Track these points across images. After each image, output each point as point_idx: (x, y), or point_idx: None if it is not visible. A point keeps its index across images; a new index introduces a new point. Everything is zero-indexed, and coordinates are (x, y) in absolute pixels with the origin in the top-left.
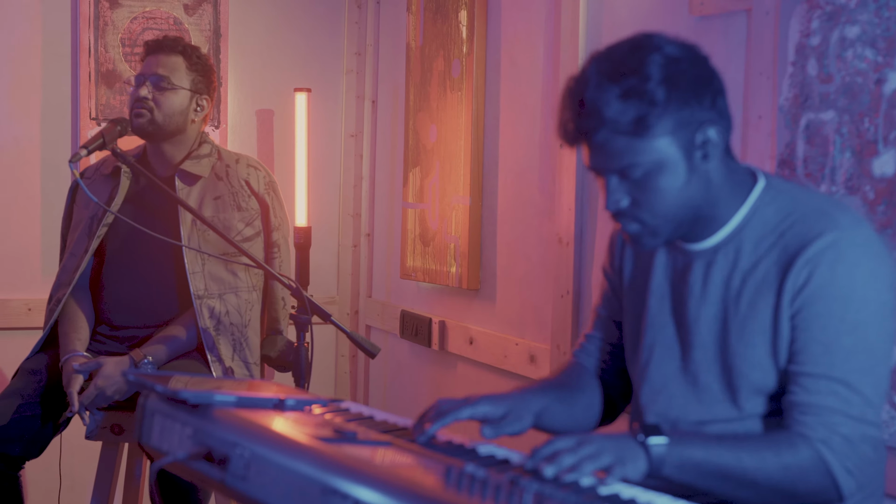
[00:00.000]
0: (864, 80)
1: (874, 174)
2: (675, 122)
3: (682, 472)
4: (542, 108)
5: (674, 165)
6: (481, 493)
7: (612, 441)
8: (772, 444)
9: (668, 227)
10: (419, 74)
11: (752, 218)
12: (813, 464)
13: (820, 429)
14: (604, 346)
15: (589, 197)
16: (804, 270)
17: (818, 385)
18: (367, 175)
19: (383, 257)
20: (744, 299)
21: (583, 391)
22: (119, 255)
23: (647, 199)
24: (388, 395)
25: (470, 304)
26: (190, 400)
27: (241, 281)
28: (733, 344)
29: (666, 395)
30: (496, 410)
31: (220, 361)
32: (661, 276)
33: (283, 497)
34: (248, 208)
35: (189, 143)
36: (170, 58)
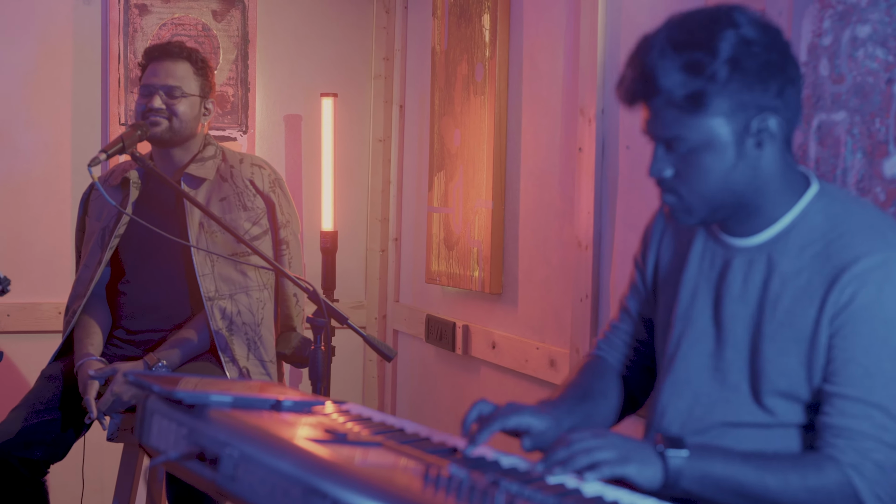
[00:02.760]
0: (875, 80)
1: (885, 175)
2: (733, 103)
3: (702, 486)
4: (563, 111)
5: (722, 147)
6: (457, 494)
7: (625, 441)
8: (798, 465)
9: (705, 208)
10: (444, 78)
11: (801, 222)
12: (840, 489)
13: (851, 453)
14: (630, 340)
15: (608, 200)
16: (850, 287)
17: (854, 409)
18: (394, 180)
19: (410, 262)
20: (782, 305)
21: (605, 397)
22: (132, 263)
23: (689, 175)
24: (414, 400)
25: (492, 308)
26: (186, 400)
27: (251, 280)
28: (765, 349)
29: (691, 390)
30: (539, 424)
31: (233, 362)
32: (695, 269)
33: (268, 497)
34: (253, 207)
35: (195, 147)
36: (177, 65)
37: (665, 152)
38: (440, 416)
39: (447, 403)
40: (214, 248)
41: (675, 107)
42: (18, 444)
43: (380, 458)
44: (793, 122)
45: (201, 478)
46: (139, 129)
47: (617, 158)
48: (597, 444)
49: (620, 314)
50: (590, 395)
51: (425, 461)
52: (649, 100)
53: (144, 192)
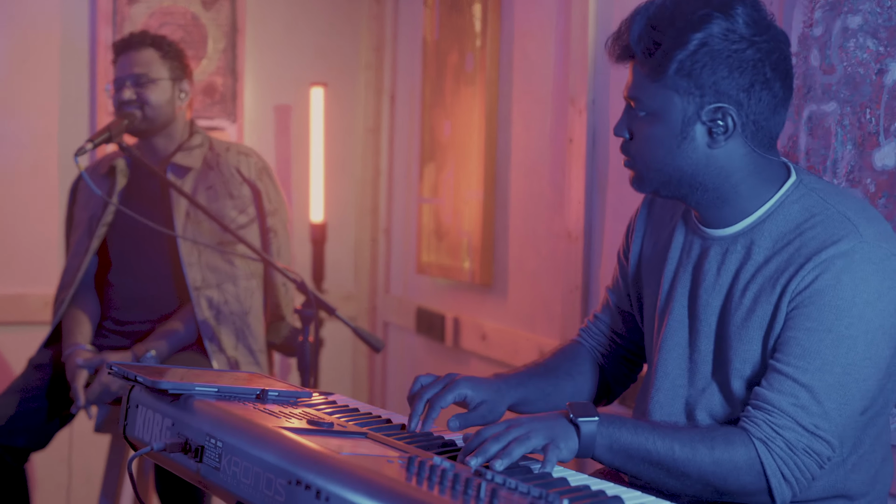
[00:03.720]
0: (865, 70)
1: (875, 166)
2: (691, 83)
3: (612, 454)
4: (553, 101)
5: (670, 123)
6: (440, 485)
7: (542, 422)
8: (707, 437)
9: (653, 179)
10: (435, 69)
11: (776, 212)
12: (746, 462)
13: (764, 427)
14: (608, 331)
15: (598, 191)
16: (811, 273)
17: (782, 384)
18: (384, 170)
19: (400, 253)
20: (749, 293)
21: (571, 377)
22: (120, 252)
23: (640, 141)
24: (403, 392)
25: (483, 299)
26: (170, 390)
27: (238, 269)
28: (731, 337)
29: (669, 382)
30: (475, 395)
31: (221, 351)
32: (675, 261)
33: (251, 488)
34: (240, 196)
35: (179, 134)
36: (141, 53)
37: (628, 115)
38: None
39: None
40: (201, 237)
41: (641, 66)
42: (2, 431)
43: (364, 448)
44: (767, 122)
45: (185, 469)
46: (126, 119)
47: (608, 149)
48: (524, 433)
49: (603, 307)
50: (552, 373)
51: (410, 452)
52: (627, 57)
53: (132, 180)
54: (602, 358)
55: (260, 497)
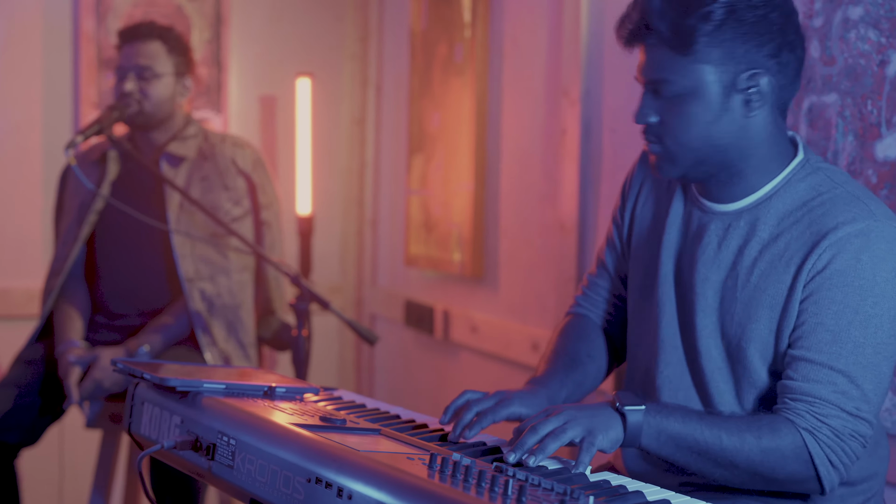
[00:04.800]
0: (866, 62)
1: (877, 157)
2: (723, 52)
3: (659, 443)
4: (545, 92)
5: (708, 97)
6: (465, 481)
7: (582, 411)
8: (754, 426)
9: (688, 160)
10: (423, 59)
11: (783, 189)
12: (794, 451)
13: (810, 418)
14: (608, 296)
15: (592, 183)
16: (827, 253)
17: (819, 374)
18: (371, 162)
19: (388, 245)
20: (757, 270)
21: (592, 359)
22: (110, 242)
23: (673, 123)
24: (392, 385)
25: (473, 291)
26: (179, 387)
27: (231, 262)
28: (737, 314)
29: (677, 357)
30: (529, 412)
31: (213, 345)
32: (674, 232)
33: (268, 486)
34: (234, 187)
35: (176, 126)
36: (148, 45)
37: (652, 98)
38: (420, 402)
39: (427, 388)
40: (195, 228)
41: (665, 46)
42: None
43: (381, 445)
44: (787, 89)
45: (196, 467)
46: (116, 111)
47: (601, 141)
48: (560, 424)
49: (598, 269)
50: (578, 361)
51: (427, 449)
52: (642, 38)
53: (124, 169)
54: (607, 324)
55: (277, 495)
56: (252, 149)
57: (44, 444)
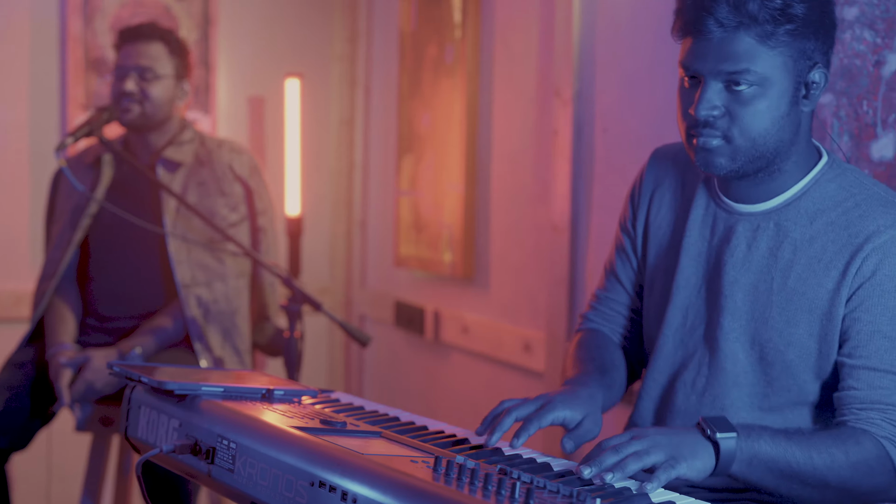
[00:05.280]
0: (862, 62)
1: (873, 158)
2: (796, 48)
3: (751, 469)
4: (537, 93)
5: (782, 90)
6: (471, 484)
7: (667, 437)
8: (838, 441)
9: (750, 154)
10: (412, 60)
11: (812, 190)
12: (879, 462)
13: (886, 426)
14: (625, 311)
15: (584, 184)
16: (872, 258)
17: (884, 381)
18: (359, 163)
19: (377, 246)
20: (794, 273)
21: (616, 369)
22: (104, 245)
23: (744, 116)
24: (382, 386)
25: (464, 292)
26: (176, 391)
27: (227, 268)
28: (773, 317)
29: (696, 361)
30: (575, 415)
31: (208, 350)
32: (696, 234)
33: (270, 489)
34: (231, 193)
35: (172, 130)
36: (150, 46)
37: (719, 91)
38: (411, 403)
39: (418, 389)
40: (191, 233)
41: (750, 34)
42: None
43: (383, 448)
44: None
45: (195, 471)
46: (107, 112)
47: (593, 141)
48: (644, 448)
49: (609, 283)
50: (605, 366)
51: (430, 451)
52: (725, 25)
53: (119, 173)
54: (624, 340)
55: (279, 499)
56: (249, 155)
57: (32, 447)
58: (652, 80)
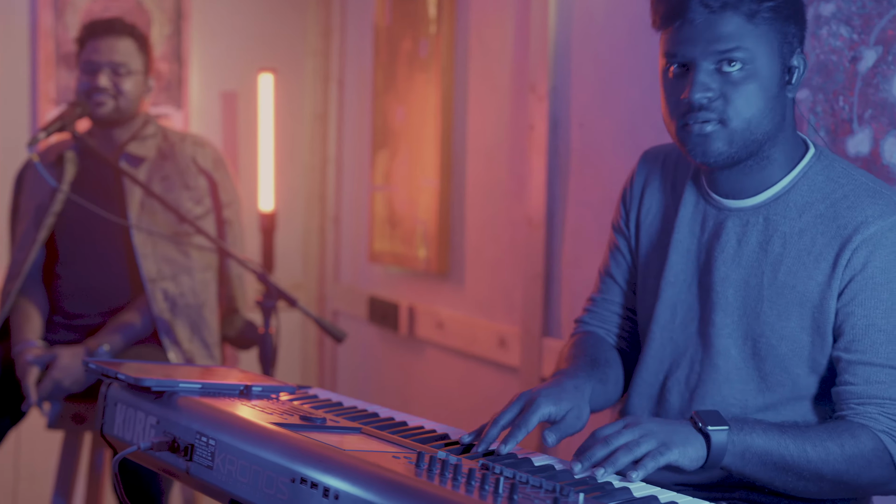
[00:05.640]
0: (838, 58)
1: (849, 153)
2: (779, 29)
3: (743, 462)
4: (512, 88)
5: (772, 72)
6: (454, 479)
7: (660, 426)
8: (834, 434)
9: (746, 137)
10: (387, 55)
11: (801, 182)
12: (875, 454)
13: (884, 420)
14: (621, 311)
15: (560, 179)
16: (861, 251)
17: (881, 375)
18: (333, 157)
19: (351, 241)
20: (784, 267)
21: (610, 366)
22: (69, 243)
23: (738, 97)
24: (356, 382)
25: (439, 287)
26: (154, 388)
27: (193, 261)
28: (765, 312)
29: (688, 358)
30: (559, 409)
31: (176, 344)
32: (686, 231)
33: (250, 486)
34: (196, 187)
35: (136, 125)
36: (122, 41)
37: (711, 74)
38: (386, 399)
39: (392, 385)
40: (156, 227)
41: (739, 13)
42: None
43: (363, 444)
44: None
45: (173, 468)
46: (79, 108)
47: (569, 136)
48: (635, 438)
49: (604, 285)
50: (598, 363)
51: (411, 447)
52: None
53: (82, 170)
54: (621, 340)
55: (260, 496)
56: (212, 147)
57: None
58: (628, 75)
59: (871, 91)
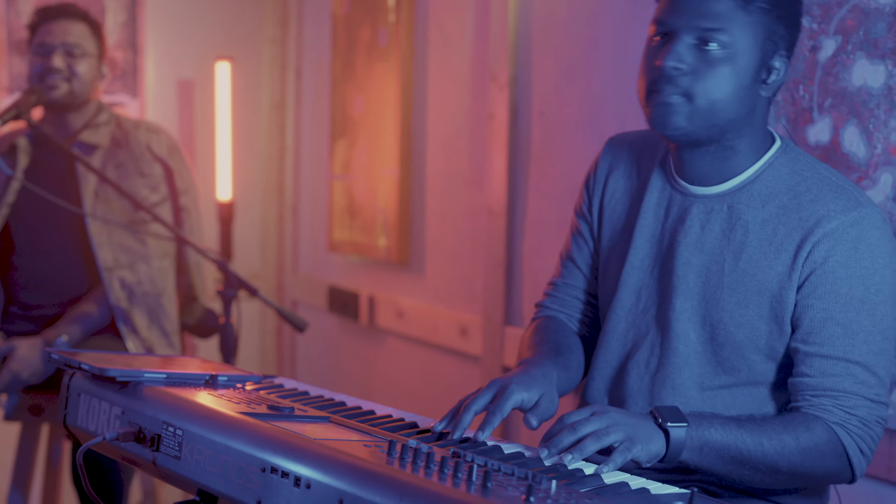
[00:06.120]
0: (798, 47)
1: (809, 142)
2: (767, 26)
3: (701, 456)
4: (472, 77)
5: (749, 62)
6: (426, 468)
7: (627, 418)
8: (789, 427)
9: (707, 119)
10: (345, 44)
11: (766, 173)
12: (830, 447)
13: (837, 412)
14: (582, 296)
15: (521, 168)
16: (822, 245)
17: (836, 368)
18: (291, 147)
19: (310, 231)
20: (745, 255)
21: (573, 351)
22: (24, 234)
23: (709, 77)
24: (315, 371)
25: (399, 277)
26: (118, 377)
27: (150, 249)
28: (724, 299)
29: (648, 342)
30: (531, 396)
31: (135, 333)
32: (651, 216)
33: (219, 476)
34: (151, 174)
35: (89, 112)
36: (76, 24)
37: (690, 48)
38: (346, 388)
39: (352, 375)
40: (111, 216)
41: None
42: None
43: (334, 433)
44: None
45: (139, 458)
46: (34, 94)
47: (530, 125)
48: (603, 426)
49: (565, 270)
50: (560, 348)
51: (381, 436)
52: None
53: (35, 159)
54: (582, 326)
55: (230, 486)
56: (167, 134)
57: None
58: (589, 64)
59: (830, 80)
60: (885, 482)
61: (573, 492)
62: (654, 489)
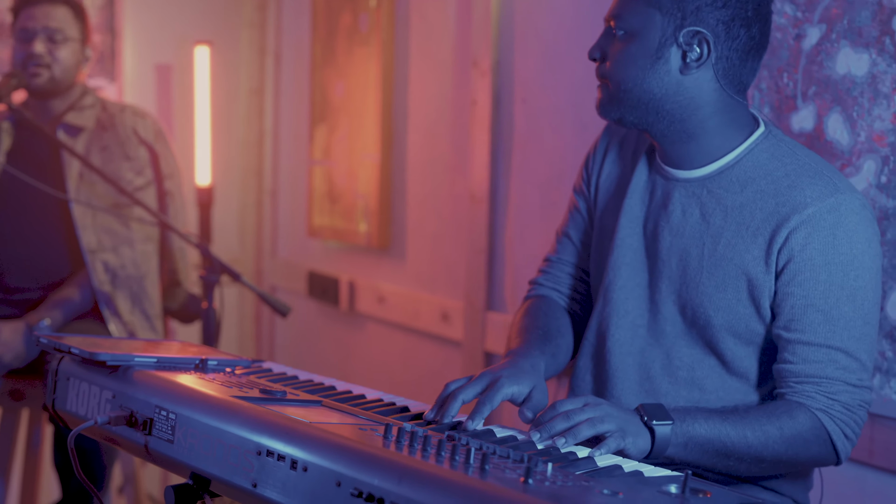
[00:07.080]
0: (783, 35)
1: (793, 129)
2: (673, 4)
3: (686, 451)
4: (454, 63)
5: (648, 42)
6: (424, 451)
7: (619, 412)
8: (772, 416)
9: (622, 102)
10: (325, 29)
11: (745, 158)
12: (814, 433)
13: (820, 398)
14: (574, 271)
15: (503, 154)
16: (800, 231)
17: (818, 354)
18: (270, 131)
19: (289, 216)
20: (724, 239)
21: (562, 335)
22: (7, 217)
23: (614, 60)
24: (294, 357)
25: (380, 262)
26: (109, 362)
27: (134, 233)
28: (703, 282)
29: (629, 321)
30: (522, 389)
31: (117, 316)
32: (636, 198)
33: (214, 459)
34: (136, 157)
35: (73, 96)
36: (57, 8)
37: (606, 37)
38: (326, 373)
39: (333, 360)
40: (95, 199)
41: None
42: None
43: (327, 416)
44: (737, 66)
45: (131, 443)
46: (15, 79)
47: (512, 111)
48: (597, 416)
49: (560, 246)
50: (549, 335)
51: (374, 419)
52: None
53: (17, 142)
54: (574, 304)
55: (225, 469)
56: (153, 119)
57: None
58: (571, 50)
59: (814, 68)
60: (866, 465)
61: (569, 474)
62: (647, 472)
